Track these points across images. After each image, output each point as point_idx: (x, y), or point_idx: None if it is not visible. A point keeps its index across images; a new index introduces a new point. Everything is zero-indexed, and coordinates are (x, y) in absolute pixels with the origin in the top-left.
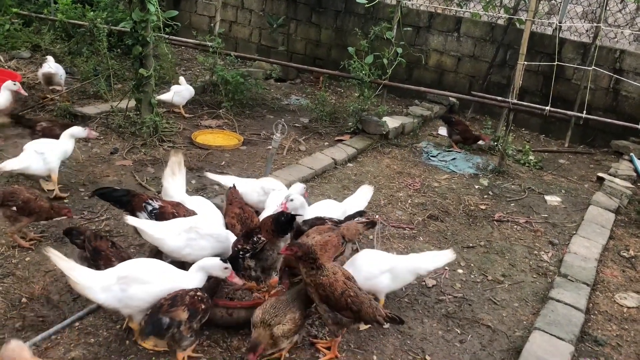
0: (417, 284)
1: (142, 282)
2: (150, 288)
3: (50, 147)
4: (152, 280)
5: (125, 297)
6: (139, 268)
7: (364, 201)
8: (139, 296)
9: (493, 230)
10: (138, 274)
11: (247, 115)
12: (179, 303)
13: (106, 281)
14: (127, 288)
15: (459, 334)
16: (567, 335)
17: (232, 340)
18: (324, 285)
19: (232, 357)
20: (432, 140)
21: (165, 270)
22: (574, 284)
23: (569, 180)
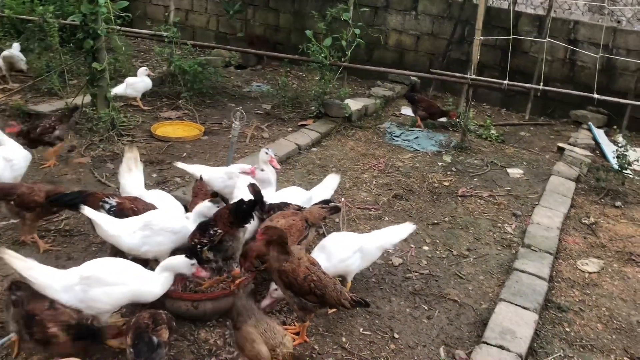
0: (384, 263)
1: (105, 283)
2: (114, 290)
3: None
4: (116, 282)
5: (87, 298)
6: (103, 269)
7: (330, 190)
8: (101, 298)
9: (457, 206)
10: (102, 275)
11: (207, 105)
12: (160, 322)
13: (68, 281)
14: (89, 289)
15: (427, 310)
16: (532, 305)
17: (199, 333)
18: (287, 272)
19: (199, 349)
20: (395, 121)
21: (130, 272)
22: (538, 253)
23: (530, 152)
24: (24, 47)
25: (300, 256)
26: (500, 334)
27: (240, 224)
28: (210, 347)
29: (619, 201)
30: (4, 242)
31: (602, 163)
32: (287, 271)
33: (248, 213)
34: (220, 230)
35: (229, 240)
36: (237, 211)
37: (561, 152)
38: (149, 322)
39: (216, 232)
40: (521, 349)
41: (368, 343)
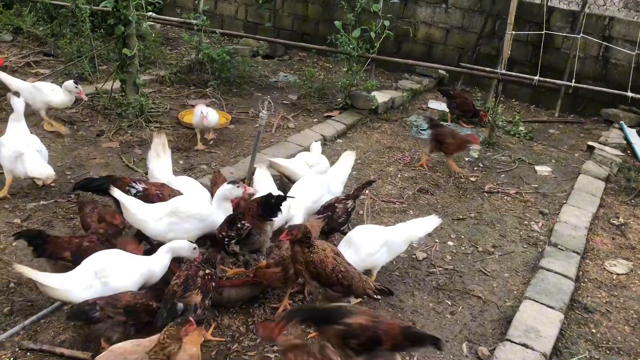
0: (408, 257)
1: (119, 270)
2: (130, 273)
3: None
4: (128, 265)
5: (108, 289)
6: (111, 258)
7: (347, 168)
8: (121, 284)
9: (483, 202)
10: (113, 263)
11: (234, 94)
12: (191, 287)
13: (85, 279)
14: (107, 280)
15: (450, 306)
16: (557, 304)
17: (223, 319)
18: (315, 263)
19: (222, 335)
20: (422, 114)
21: (133, 257)
22: (564, 252)
23: (559, 150)
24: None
25: (324, 247)
26: (524, 332)
27: (268, 218)
28: (233, 333)
29: None
30: (35, 223)
31: (634, 163)
32: (315, 261)
33: (276, 207)
34: (248, 223)
35: (257, 233)
36: (265, 205)
37: (591, 150)
38: (179, 288)
39: (244, 226)
40: (545, 348)
41: None
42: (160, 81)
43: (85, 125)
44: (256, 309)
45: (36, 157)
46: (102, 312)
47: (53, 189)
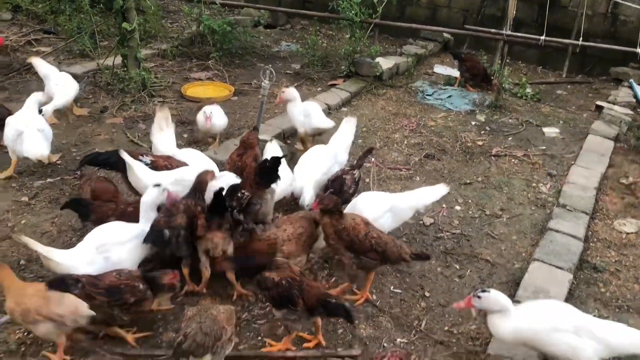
0: (415, 223)
1: (120, 242)
2: (130, 245)
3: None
4: (127, 236)
5: (111, 264)
6: (111, 231)
7: (350, 135)
8: (124, 257)
9: (490, 166)
10: (113, 237)
11: (237, 65)
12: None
13: (87, 255)
14: (109, 255)
15: (458, 270)
16: (566, 264)
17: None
18: (347, 229)
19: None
20: (428, 79)
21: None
22: (573, 213)
23: (567, 110)
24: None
25: (353, 216)
26: (533, 293)
27: (266, 185)
28: (243, 302)
29: None
30: (42, 201)
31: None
32: (348, 228)
33: (271, 172)
34: (247, 192)
35: (257, 202)
36: (261, 171)
37: (600, 110)
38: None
39: (244, 195)
40: None
41: (399, 301)
42: (162, 55)
43: (89, 102)
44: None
45: (34, 136)
46: (83, 290)
47: (59, 166)
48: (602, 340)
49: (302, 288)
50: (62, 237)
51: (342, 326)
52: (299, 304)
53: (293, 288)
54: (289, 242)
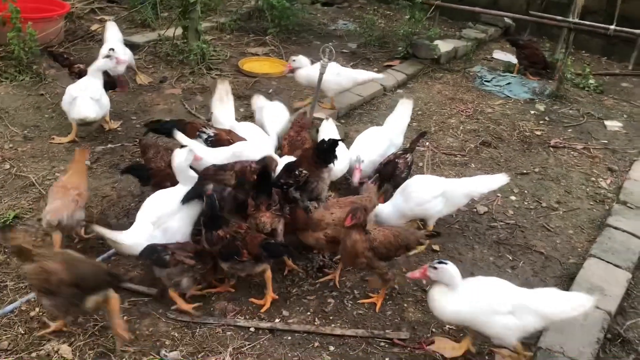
0: (468, 210)
1: (172, 213)
2: (182, 214)
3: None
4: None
5: (170, 235)
6: (160, 205)
7: (406, 117)
8: (179, 226)
9: (548, 157)
10: (164, 209)
11: (293, 42)
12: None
13: (147, 232)
14: (167, 227)
15: (511, 260)
16: (624, 263)
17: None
18: (383, 243)
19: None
20: (486, 65)
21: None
22: (634, 211)
23: (631, 104)
24: None
25: (375, 226)
26: (588, 290)
27: (324, 164)
28: (293, 277)
29: None
30: (103, 165)
31: None
32: (382, 242)
33: (329, 152)
34: (305, 170)
35: (314, 181)
36: (318, 151)
37: None
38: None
39: (301, 173)
40: (610, 306)
41: None
42: (220, 29)
43: (149, 72)
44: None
45: (85, 101)
46: (173, 257)
47: (120, 133)
48: (537, 313)
49: (246, 240)
50: (122, 202)
51: (391, 309)
52: (244, 254)
53: (236, 240)
54: (334, 227)
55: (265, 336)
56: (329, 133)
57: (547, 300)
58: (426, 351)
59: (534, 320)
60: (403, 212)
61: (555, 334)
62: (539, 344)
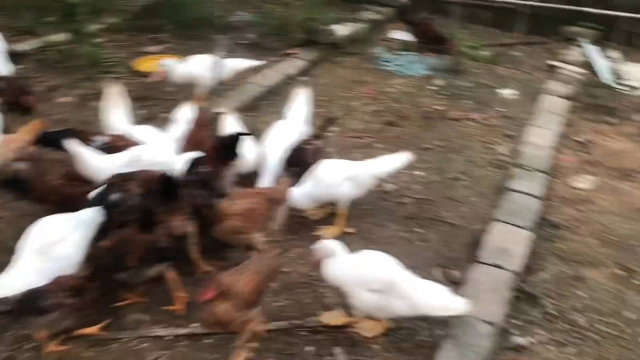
0: (377, 190)
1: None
2: (74, 237)
3: None
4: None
5: (60, 264)
6: (47, 231)
7: (308, 105)
8: (70, 253)
9: (450, 130)
10: (52, 235)
11: (191, 37)
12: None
13: (28, 270)
14: (56, 256)
15: (421, 234)
16: (526, 223)
17: None
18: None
19: None
20: (385, 45)
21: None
22: (531, 173)
23: (522, 71)
24: None
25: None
26: (494, 253)
27: (224, 162)
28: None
29: (612, 117)
30: None
31: (596, 80)
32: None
33: (231, 148)
34: (207, 167)
35: (216, 178)
36: (219, 148)
37: (554, 70)
38: None
39: (204, 169)
40: (516, 266)
41: None
42: (112, 29)
43: (36, 81)
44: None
45: None
46: (51, 301)
47: None
48: (407, 301)
49: (128, 246)
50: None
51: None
52: (130, 260)
53: (121, 248)
54: (236, 216)
55: (184, 343)
56: (231, 127)
57: (422, 292)
58: (347, 333)
59: (402, 305)
60: (314, 195)
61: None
62: None
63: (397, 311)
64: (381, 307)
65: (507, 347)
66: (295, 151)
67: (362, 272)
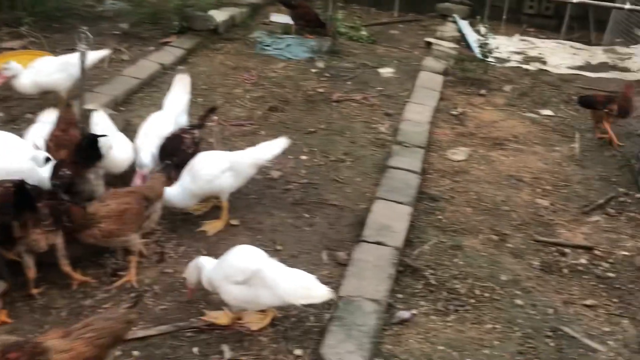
0: (263, 178)
1: None
2: None
3: None
4: None
5: None
6: None
7: (186, 94)
8: None
9: (332, 112)
10: None
11: (56, 30)
12: None
13: None
14: None
15: (308, 218)
16: (406, 199)
17: None
18: None
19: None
20: (265, 29)
21: None
22: (410, 149)
23: (400, 50)
24: None
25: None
26: (377, 230)
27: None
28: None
29: (483, 89)
30: None
31: (467, 54)
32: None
33: (90, 151)
34: (68, 171)
35: (80, 182)
36: (78, 150)
37: (429, 46)
38: None
39: (65, 174)
40: (397, 242)
41: None
42: None
43: None
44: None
45: None
46: None
47: None
48: (272, 291)
49: None
50: None
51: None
52: None
53: None
54: (108, 219)
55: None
56: (101, 125)
57: (286, 282)
58: (234, 329)
59: (268, 296)
60: (193, 192)
61: (353, 279)
62: (340, 294)
63: (266, 302)
64: (249, 299)
65: (393, 323)
66: (171, 141)
67: (227, 265)
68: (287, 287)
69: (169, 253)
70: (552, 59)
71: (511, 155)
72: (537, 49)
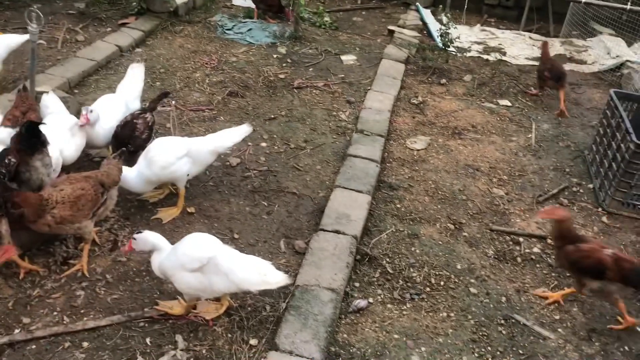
0: (221, 165)
1: None
2: None
3: None
4: None
5: None
6: None
7: (139, 82)
8: None
9: (293, 98)
10: None
11: (6, 7)
12: None
13: None
14: None
15: (266, 206)
16: (365, 187)
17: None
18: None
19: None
20: (227, 12)
21: None
22: (370, 137)
23: (363, 37)
24: None
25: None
26: (336, 219)
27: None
28: (33, 278)
29: (443, 79)
30: None
31: (429, 43)
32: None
33: (31, 138)
34: (13, 159)
35: (25, 170)
36: (19, 137)
37: (392, 35)
38: None
39: (10, 162)
40: (356, 230)
41: None
42: None
43: None
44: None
45: None
46: None
47: None
48: (228, 277)
49: None
50: None
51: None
52: None
53: None
54: (62, 205)
55: (4, 352)
56: (52, 107)
57: (241, 268)
58: (188, 319)
59: (223, 282)
60: (148, 178)
61: (310, 268)
62: (297, 283)
63: (220, 289)
64: (204, 287)
65: (349, 311)
66: (124, 128)
67: (181, 253)
68: (242, 274)
69: (123, 241)
70: (511, 49)
71: (469, 145)
72: (497, 40)
